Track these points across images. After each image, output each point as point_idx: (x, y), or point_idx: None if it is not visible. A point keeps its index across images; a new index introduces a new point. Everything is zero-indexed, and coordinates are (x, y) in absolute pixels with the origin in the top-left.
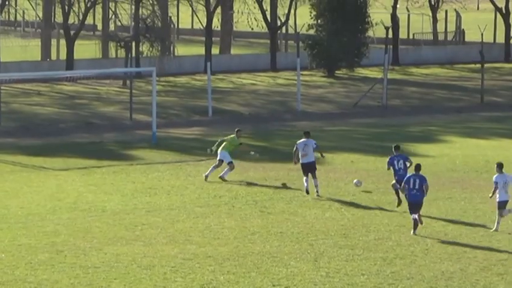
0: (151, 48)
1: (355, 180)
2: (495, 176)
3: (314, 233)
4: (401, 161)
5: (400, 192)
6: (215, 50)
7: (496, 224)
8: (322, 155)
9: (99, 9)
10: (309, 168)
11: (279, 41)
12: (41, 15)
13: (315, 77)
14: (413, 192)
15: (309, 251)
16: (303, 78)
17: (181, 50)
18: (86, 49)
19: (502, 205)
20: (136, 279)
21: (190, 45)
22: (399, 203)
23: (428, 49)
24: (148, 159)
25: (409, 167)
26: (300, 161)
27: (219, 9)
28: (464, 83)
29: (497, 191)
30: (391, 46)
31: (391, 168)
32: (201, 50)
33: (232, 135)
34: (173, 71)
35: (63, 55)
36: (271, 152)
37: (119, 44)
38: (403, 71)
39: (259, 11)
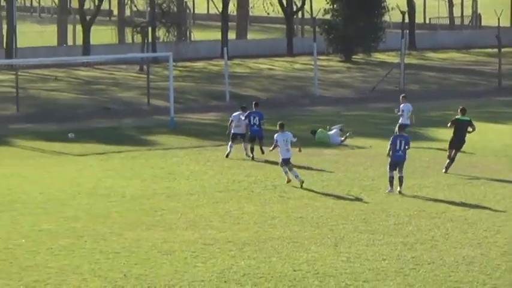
0: (167, 34)
1: None
2: None
3: (334, 218)
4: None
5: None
6: (231, 35)
7: None
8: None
9: None
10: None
11: (295, 26)
12: (57, 0)
13: (332, 61)
14: (399, 153)
15: (329, 236)
16: (320, 63)
17: (197, 35)
18: (102, 34)
19: None
20: (156, 265)
21: (206, 30)
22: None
23: (444, 34)
24: (167, 144)
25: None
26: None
27: None
28: (482, 68)
29: None
30: (407, 31)
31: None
32: (217, 35)
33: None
34: (190, 56)
35: (79, 40)
36: None
37: (135, 30)
38: (420, 56)
39: None
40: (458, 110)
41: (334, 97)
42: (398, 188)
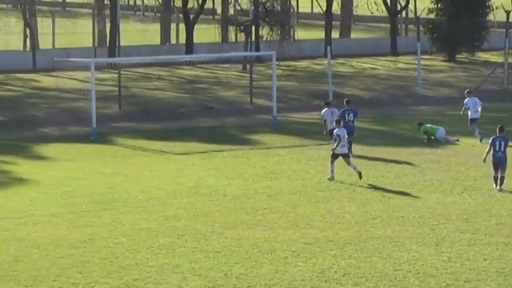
0: (271, 32)
1: None
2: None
3: (435, 218)
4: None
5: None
6: (335, 34)
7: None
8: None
9: None
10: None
11: (399, 25)
12: None
13: (435, 61)
14: (499, 154)
15: (430, 236)
16: (423, 63)
17: (301, 34)
18: (206, 33)
19: None
20: (257, 264)
21: (310, 29)
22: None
23: None
24: (269, 143)
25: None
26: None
27: None
28: None
29: None
30: (511, 30)
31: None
32: (320, 34)
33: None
34: (293, 55)
35: (182, 39)
36: (392, 136)
37: (238, 28)
38: None
39: None
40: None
41: (438, 97)
42: (498, 187)
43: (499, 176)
